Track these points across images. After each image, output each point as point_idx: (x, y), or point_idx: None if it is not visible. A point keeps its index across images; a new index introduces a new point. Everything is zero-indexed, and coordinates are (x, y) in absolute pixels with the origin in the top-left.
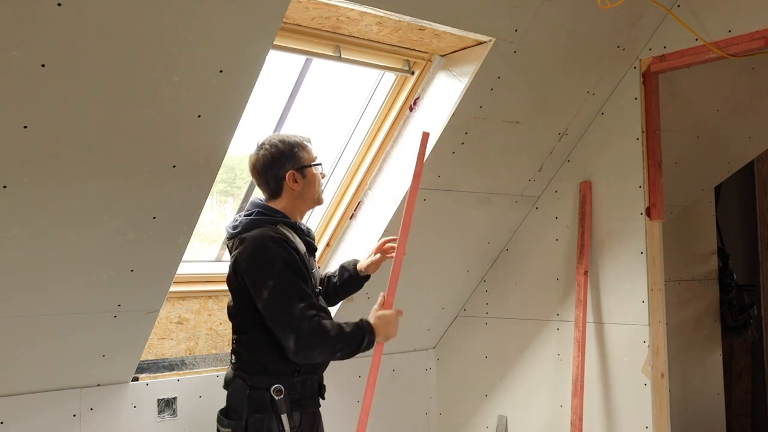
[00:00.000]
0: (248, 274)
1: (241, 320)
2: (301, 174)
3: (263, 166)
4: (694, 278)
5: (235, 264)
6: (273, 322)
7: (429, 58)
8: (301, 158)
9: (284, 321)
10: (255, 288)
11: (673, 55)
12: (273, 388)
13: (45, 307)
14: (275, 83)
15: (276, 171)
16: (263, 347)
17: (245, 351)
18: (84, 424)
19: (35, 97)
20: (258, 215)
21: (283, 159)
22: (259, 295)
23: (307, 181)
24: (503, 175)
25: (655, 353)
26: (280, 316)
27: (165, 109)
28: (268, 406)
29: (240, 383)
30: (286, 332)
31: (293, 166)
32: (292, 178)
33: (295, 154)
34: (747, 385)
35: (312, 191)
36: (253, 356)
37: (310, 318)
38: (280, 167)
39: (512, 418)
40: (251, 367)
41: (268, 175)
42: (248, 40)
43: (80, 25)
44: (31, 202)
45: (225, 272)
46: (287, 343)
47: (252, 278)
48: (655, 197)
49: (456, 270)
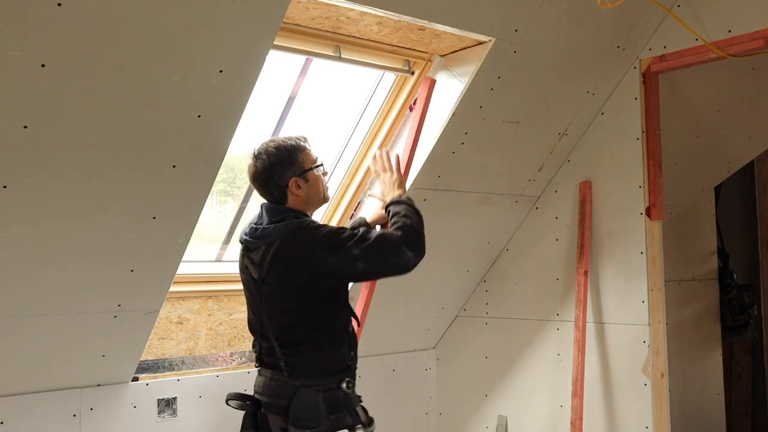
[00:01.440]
0: (322, 255)
1: (303, 330)
2: (304, 179)
3: (263, 177)
4: (694, 278)
5: (298, 264)
6: (379, 262)
7: (429, 58)
8: (300, 163)
9: (385, 249)
10: (341, 258)
11: (673, 55)
12: (345, 383)
13: (45, 307)
14: (275, 83)
15: (277, 180)
16: (328, 347)
17: (308, 360)
18: (84, 424)
19: (35, 97)
20: (289, 218)
21: (282, 167)
22: (350, 260)
23: (310, 184)
24: (503, 175)
25: (655, 353)
26: (379, 250)
27: (165, 109)
28: (341, 402)
29: (307, 392)
30: (395, 254)
31: (294, 173)
32: (295, 185)
33: (294, 159)
34: (747, 385)
35: (317, 193)
36: (318, 361)
37: (387, 232)
38: (280, 176)
39: (512, 418)
40: (317, 371)
41: (270, 186)
42: (248, 40)
43: (80, 25)
44: (31, 202)
45: (225, 272)
46: (403, 257)
47: (332, 254)
48: (655, 197)
49: (456, 270)
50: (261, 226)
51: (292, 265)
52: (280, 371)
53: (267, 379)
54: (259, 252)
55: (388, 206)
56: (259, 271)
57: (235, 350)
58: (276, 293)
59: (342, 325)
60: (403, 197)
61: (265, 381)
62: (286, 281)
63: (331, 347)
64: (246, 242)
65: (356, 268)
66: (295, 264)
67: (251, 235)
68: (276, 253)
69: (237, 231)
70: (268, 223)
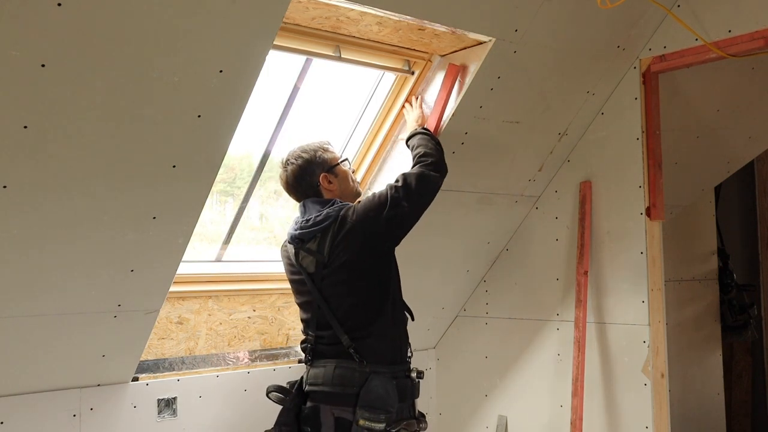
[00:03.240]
0: (374, 214)
1: (372, 308)
2: (333, 174)
3: (295, 179)
4: (694, 278)
5: (356, 233)
6: (416, 194)
7: (429, 58)
8: (327, 160)
9: (415, 183)
10: (390, 208)
11: (673, 55)
12: (416, 373)
13: (45, 307)
14: (275, 83)
15: (309, 179)
16: (395, 330)
17: (378, 343)
18: (84, 424)
19: (35, 97)
20: (335, 202)
21: (311, 166)
22: (396, 205)
23: (340, 178)
24: (503, 175)
25: (655, 353)
26: (411, 185)
27: (165, 109)
28: (407, 393)
29: (380, 378)
30: (424, 182)
31: (323, 170)
32: (326, 180)
33: (320, 157)
34: (747, 385)
35: (348, 186)
36: (387, 345)
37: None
38: (311, 174)
39: (512, 418)
40: (387, 356)
41: (304, 186)
42: (248, 40)
43: (80, 25)
44: (31, 202)
45: (225, 272)
46: (432, 181)
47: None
48: (655, 197)
49: (456, 270)
50: (312, 217)
51: (352, 237)
52: (349, 358)
53: (330, 369)
54: (315, 240)
55: (408, 139)
56: (319, 258)
57: (236, 350)
58: (341, 272)
59: (402, 310)
60: (419, 129)
61: (326, 371)
62: (350, 254)
63: (395, 332)
64: (300, 235)
65: (403, 209)
66: (355, 233)
67: (304, 227)
68: (335, 234)
69: (237, 231)
70: (318, 212)
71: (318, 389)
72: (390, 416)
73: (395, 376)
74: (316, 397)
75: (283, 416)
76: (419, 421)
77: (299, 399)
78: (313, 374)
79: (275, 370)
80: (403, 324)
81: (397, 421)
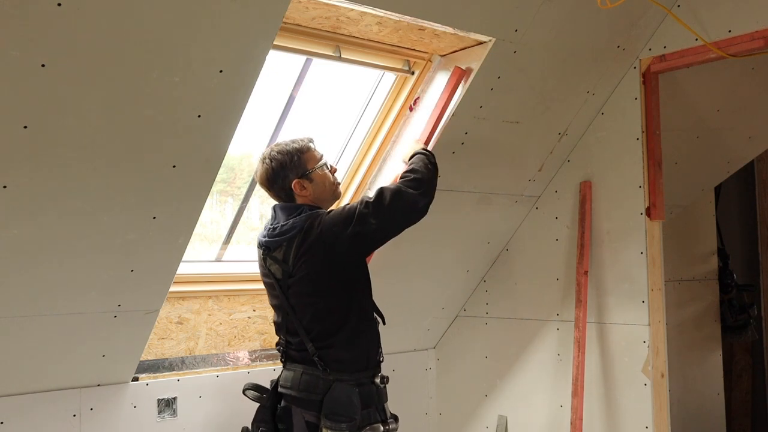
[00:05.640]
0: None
1: (335, 318)
2: (308, 179)
3: (268, 180)
4: (694, 278)
5: (320, 246)
6: (387, 212)
7: (429, 58)
8: (302, 165)
9: (388, 199)
10: (356, 224)
11: (673, 55)
12: (379, 378)
13: (45, 307)
14: (275, 83)
15: (282, 183)
16: (360, 338)
17: (342, 352)
18: (84, 424)
19: (35, 97)
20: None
21: (284, 170)
22: (363, 221)
23: (315, 184)
24: (503, 175)
25: (655, 353)
26: (383, 201)
27: (165, 109)
28: (374, 398)
29: (343, 386)
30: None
31: (296, 175)
32: (299, 186)
33: (296, 162)
34: (747, 385)
35: (323, 191)
36: (352, 354)
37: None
38: (284, 178)
39: (512, 418)
40: (351, 365)
41: (276, 188)
42: (248, 40)
43: (80, 25)
44: (31, 202)
45: (225, 272)
46: (408, 200)
47: (347, 224)
48: (655, 197)
49: (456, 270)
50: (279, 225)
51: (315, 250)
52: (313, 366)
53: (297, 374)
54: (281, 249)
55: (410, 159)
56: (284, 267)
57: (236, 350)
58: (304, 283)
59: (369, 317)
60: (419, 149)
61: (294, 375)
62: (312, 267)
63: (361, 340)
64: (267, 243)
65: (370, 226)
66: (318, 247)
67: (270, 235)
68: (299, 244)
69: (237, 231)
70: (285, 220)
71: (288, 392)
72: (353, 423)
73: (359, 383)
74: (287, 399)
75: (260, 414)
76: (386, 423)
77: (275, 398)
78: (284, 377)
79: (275, 370)
80: (370, 330)
81: (361, 427)
